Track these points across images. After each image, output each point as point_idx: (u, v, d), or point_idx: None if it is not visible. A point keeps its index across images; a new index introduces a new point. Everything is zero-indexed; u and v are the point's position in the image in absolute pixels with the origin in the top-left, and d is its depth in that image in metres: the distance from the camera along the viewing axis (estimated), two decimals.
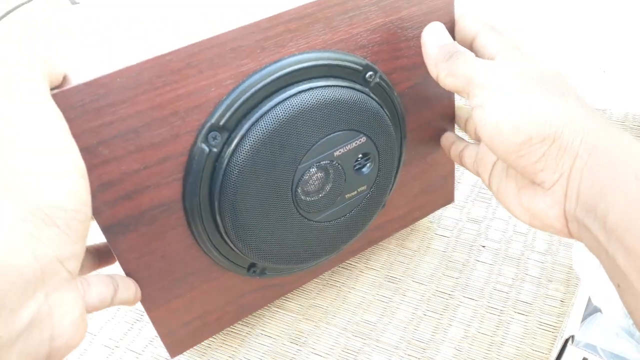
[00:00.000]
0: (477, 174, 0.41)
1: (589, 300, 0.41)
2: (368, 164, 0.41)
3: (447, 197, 0.53)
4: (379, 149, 0.41)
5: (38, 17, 0.40)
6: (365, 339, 0.46)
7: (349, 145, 0.39)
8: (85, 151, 0.30)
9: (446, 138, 0.46)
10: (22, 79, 0.25)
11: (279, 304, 0.49)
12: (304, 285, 0.50)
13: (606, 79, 0.75)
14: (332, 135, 0.37)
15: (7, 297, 0.22)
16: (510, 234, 0.53)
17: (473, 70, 0.34)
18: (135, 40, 0.34)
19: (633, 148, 0.29)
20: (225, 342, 0.46)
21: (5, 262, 0.22)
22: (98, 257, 0.36)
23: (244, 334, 0.47)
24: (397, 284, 0.50)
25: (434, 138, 0.47)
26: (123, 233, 0.34)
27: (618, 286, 0.29)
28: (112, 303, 0.32)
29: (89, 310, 0.30)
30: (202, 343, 0.46)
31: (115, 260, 0.36)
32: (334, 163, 0.39)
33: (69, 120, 0.28)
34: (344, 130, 0.38)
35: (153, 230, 0.35)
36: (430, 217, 0.56)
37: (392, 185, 0.45)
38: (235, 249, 0.39)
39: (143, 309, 0.48)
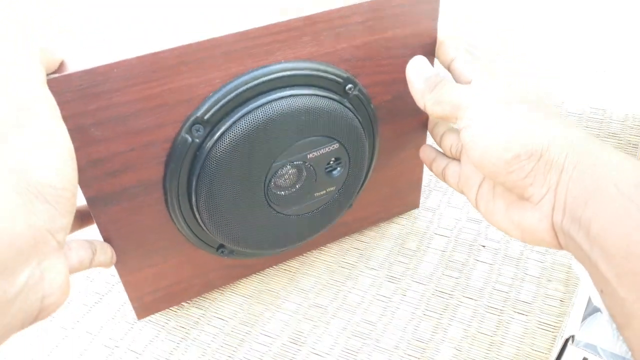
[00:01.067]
0: (462, 192, 0.42)
1: (589, 300, 0.41)
2: (339, 168, 0.44)
3: (412, 203, 0.56)
4: (350, 155, 0.44)
5: (36, 16, 0.40)
6: (364, 339, 0.46)
7: (322, 150, 0.42)
8: (79, 130, 0.33)
9: (426, 153, 0.47)
10: (19, 79, 0.28)
11: (278, 304, 0.49)
12: (303, 285, 0.50)
13: (606, 79, 0.75)
14: (307, 139, 0.40)
15: (9, 261, 0.25)
16: None
17: (458, 96, 0.36)
18: (134, 40, 0.35)
19: (614, 160, 0.30)
20: (224, 342, 0.46)
21: (6, 231, 0.25)
22: (81, 218, 0.39)
23: (243, 334, 0.47)
24: (397, 283, 0.50)
25: (406, 148, 0.50)
26: (106, 205, 0.37)
27: (601, 292, 0.30)
28: (90, 265, 0.36)
29: (70, 272, 0.34)
30: (201, 342, 0.46)
31: None
32: (306, 164, 0.42)
33: (68, 101, 0.32)
34: (319, 136, 0.41)
35: (133, 206, 0.39)
36: (430, 216, 0.56)
37: (360, 188, 0.49)
38: (206, 230, 0.42)
39: None
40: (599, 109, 0.66)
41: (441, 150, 0.46)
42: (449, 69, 0.41)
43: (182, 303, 0.49)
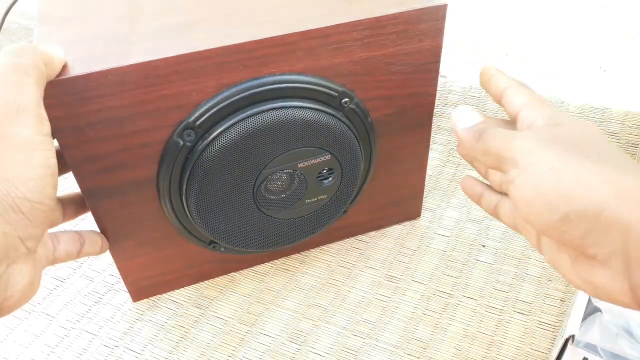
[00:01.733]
0: (522, 234, 0.37)
1: (589, 300, 0.41)
2: (330, 178, 0.44)
3: (413, 212, 0.56)
4: (343, 166, 0.44)
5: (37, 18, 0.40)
6: (364, 338, 0.45)
7: (313, 160, 0.42)
8: (74, 130, 0.35)
9: (471, 187, 0.40)
10: (14, 86, 0.28)
11: (278, 303, 0.49)
12: (303, 284, 0.50)
13: (606, 78, 0.75)
14: (297, 149, 0.41)
15: None
16: (510, 234, 0.53)
17: (501, 145, 0.32)
18: (131, 47, 0.36)
19: None
20: (224, 342, 0.46)
21: None
22: (81, 204, 0.41)
23: (242, 333, 0.46)
24: (396, 283, 0.50)
25: (407, 160, 0.49)
26: (100, 198, 0.39)
27: None
28: (78, 256, 0.39)
29: (57, 262, 0.37)
30: (201, 342, 0.46)
31: None
32: (297, 172, 0.42)
33: (64, 104, 0.33)
34: (310, 146, 0.41)
35: (128, 200, 0.40)
36: (430, 216, 0.56)
37: (355, 197, 0.49)
38: (197, 227, 0.43)
39: (143, 309, 0.49)
40: (598, 108, 0.66)
41: (486, 182, 0.39)
42: (500, 101, 0.37)
43: (181, 302, 0.49)
